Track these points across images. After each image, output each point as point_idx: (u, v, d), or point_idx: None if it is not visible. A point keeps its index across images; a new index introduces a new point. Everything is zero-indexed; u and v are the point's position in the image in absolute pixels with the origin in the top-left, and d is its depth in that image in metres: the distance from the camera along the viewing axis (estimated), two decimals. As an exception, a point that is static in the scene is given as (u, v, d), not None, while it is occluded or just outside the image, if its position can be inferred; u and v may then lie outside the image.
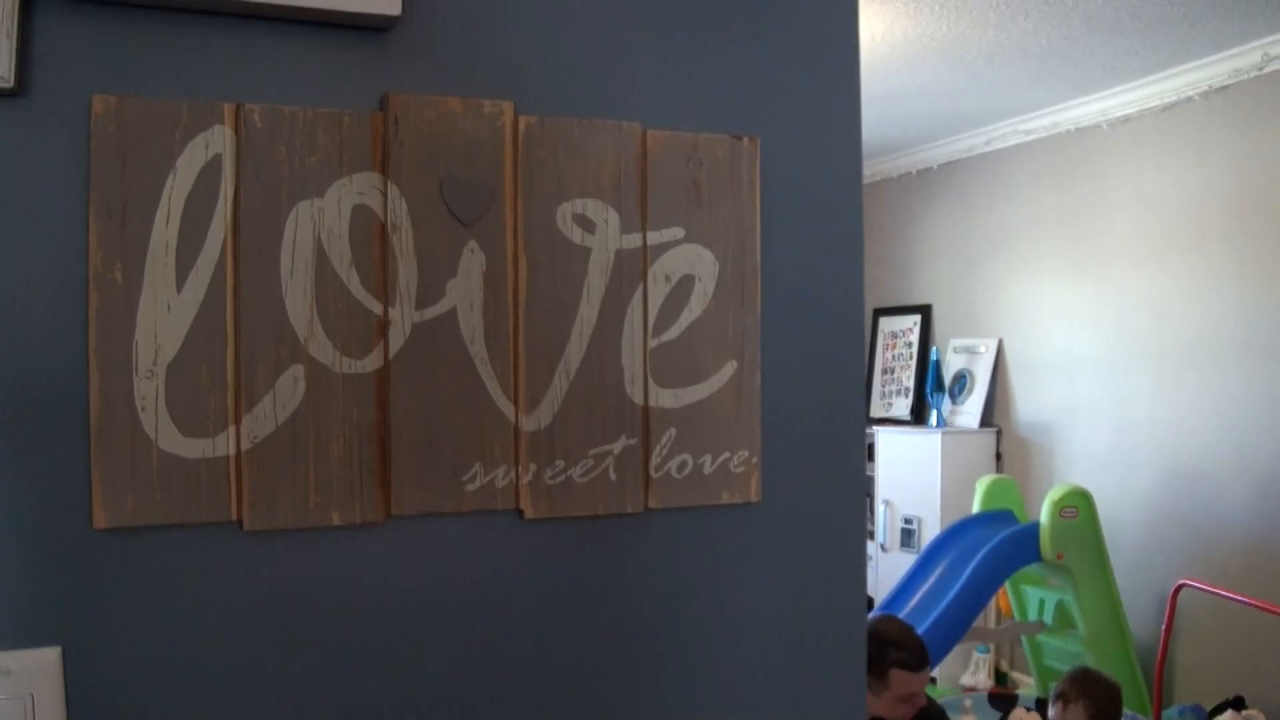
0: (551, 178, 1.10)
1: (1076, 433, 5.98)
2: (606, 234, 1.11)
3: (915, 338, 7.04)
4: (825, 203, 1.21)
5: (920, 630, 4.89)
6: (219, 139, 1.02)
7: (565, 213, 1.10)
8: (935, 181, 6.95)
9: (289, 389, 1.03)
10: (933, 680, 6.10)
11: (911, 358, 7.04)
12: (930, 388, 6.50)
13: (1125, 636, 5.36)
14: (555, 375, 1.09)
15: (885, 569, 6.38)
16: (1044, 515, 5.20)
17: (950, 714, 4.85)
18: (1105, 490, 5.67)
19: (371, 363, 1.05)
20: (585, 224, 1.11)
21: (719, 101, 1.17)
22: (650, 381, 1.13)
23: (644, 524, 1.14)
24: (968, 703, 5.06)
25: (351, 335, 1.04)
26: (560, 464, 1.10)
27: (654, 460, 1.13)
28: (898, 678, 3.36)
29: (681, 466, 1.14)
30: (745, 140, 1.17)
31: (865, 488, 1.15)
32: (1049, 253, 6.11)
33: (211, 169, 1.02)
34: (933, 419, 6.51)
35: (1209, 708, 4.94)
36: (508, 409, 1.08)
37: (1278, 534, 4.85)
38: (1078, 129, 5.81)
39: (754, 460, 1.17)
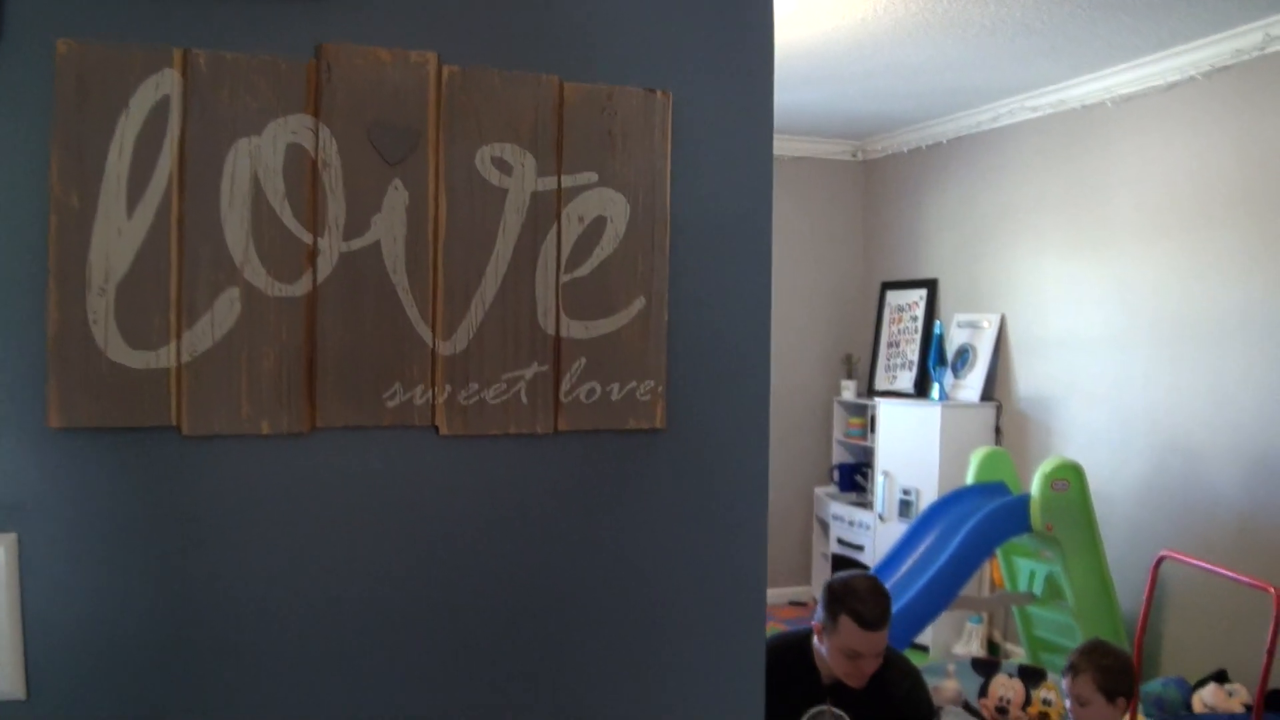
0: (472, 123, 1.20)
1: (1074, 408, 6.05)
2: (523, 176, 1.21)
3: (921, 312, 7.12)
4: (736, 153, 1.31)
5: (908, 596, 5.00)
6: (168, 81, 1.13)
7: (484, 156, 1.20)
8: (944, 157, 7.01)
9: (226, 309, 1.14)
10: (925, 649, 6.20)
11: (916, 332, 7.11)
12: (933, 361, 6.58)
13: (1113, 608, 5.44)
14: (471, 305, 1.20)
15: (883, 538, 6.48)
16: (1035, 487, 5.29)
17: (934, 678, 4.95)
18: (1100, 465, 5.74)
19: (301, 287, 1.16)
20: (503, 167, 1.21)
21: (635, 56, 1.27)
22: (562, 314, 1.23)
23: (553, 445, 1.24)
24: (951, 667, 5.15)
25: (283, 262, 1.15)
26: (474, 386, 1.20)
27: (564, 386, 1.23)
28: (846, 627, 3.44)
29: (590, 393, 1.24)
30: (658, 94, 1.27)
31: (761, 415, 1.25)
32: (1053, 230, 6.17)
33: (160, 108, 1.13)
34: (934, 392, 6.59)
35: (1193, 681, 5.03)
36: (426, 334, 1.19)
37: (1268, 512, 4.92)
38: (1083, 106, 5.86)
39: (660, 390, 1.27)
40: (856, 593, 3.47)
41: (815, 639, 3.60)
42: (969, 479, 5.77)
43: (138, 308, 1.12)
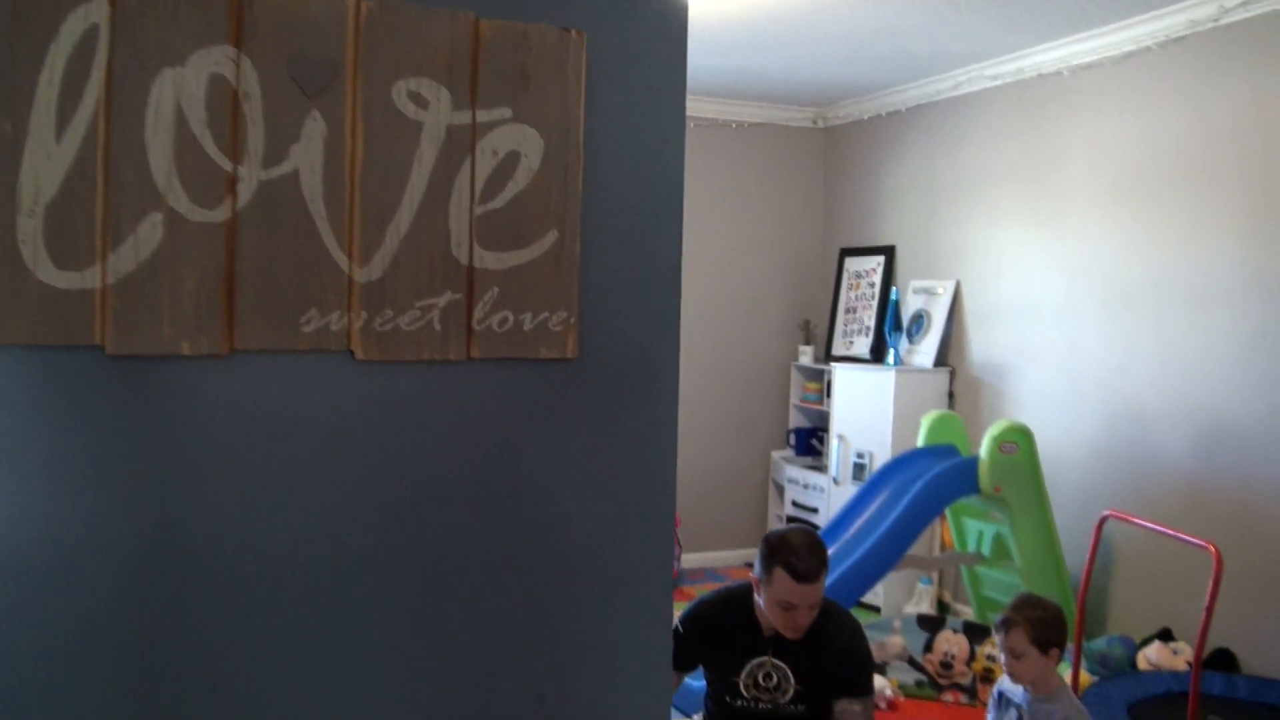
0: (389, 57, 1.25)
1: (1026, 374, 6.15)
2: (439, 110, 1.26)
3: (878, 278, 7.19)
4: (649, 92, 1.36)
5: (856, 556, 5.09)
6: (97, 10, 1.17)
7: (401, 90, 1.25)
8: (904, 124, 7.07)
9: (149, 233, 1.18)
10: (875, 609, 6.31)
11: (874, 298, 7.19)
12: (889, 327, 6.66)
13: (1060, 568, 5.55)
14: (387, 234, 1.25)
15: (837, 501, 6.56)
16: (984, 449, 5.38)
17: (880, 634, 5.06)
18: (1050, 429, 5.85)
19: (221, 213, 1.20)
20: (419, 101, 1.26)
21: (550, -3, 1.32)
22: (475, 244, 1.28)
23: (467, 372, 1.29)
24: (897, 623, 5.25)
25: (205, 188, 1.20)
26: (389, 313, 1.26)
27: (477, 315, 1.29)
28: (780, 579, 3.51)
29: (503, 322, 1.30)
30: (572, 33, 1.32)
31: (671, 345, 1.30)
32: (1009, 198, 6.25)
33: (89, 37, 1.17)
34: (889, 358, 6.68)
35: (1139, 639, 5.15)
36: (343, 261, 1.24)
37: (1214, 474, 5.03)
38: (1040, 75, 5.93)
39: (571, 321, 1.32)
40: (791, 546, 3.54)
41: (755, 592, 3.68)
42: (920, 442, 5.86)
43: (65, 230, 1.16)
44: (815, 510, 6.93)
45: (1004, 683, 3.70)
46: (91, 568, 1.18)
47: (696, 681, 4.23)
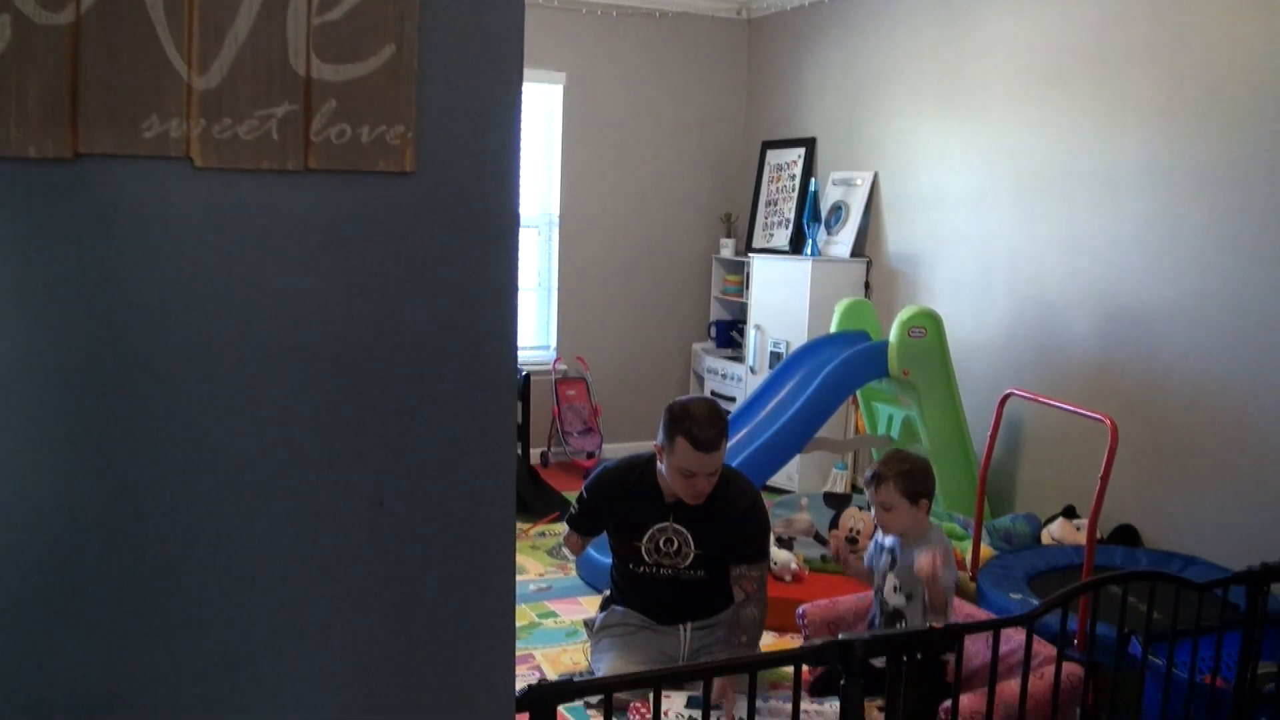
0: None
1: (940, 263, 6.26)
2: (274, -80, 1.29)
3: (799, 170, 7.25)
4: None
5: (765, 436, 5.20)
6: None
7: (236, -103, 1.28)
8: (826, 16, 7.08)
9: (-9, 34, 1.21)
10: (788, 493, 6.45)
11: (794, 190, 7.25)
12: (807, 218, 6.73)
13: (967, 450, 5.71)
14: (225, 42, 1.28)
15: (754, 390, 6.68)
16: (893, 334, 5.50)
17: (787, 511, 5.19)
18: (962, 317, 5.98)
19: (66, 16, 1.23)
20: (254, -91, 1.28)
21: None
22: (313, 56, 1.31)
23: (305, 183, 1.33)
24: (804, 501, 5.40)
25: (45, -10, 1.22)
26: (228, 121, 1.29)
27: (315, 126, 1.32)
28: (681, 447, 3.62)
29: (340, 134, 1.34)
30: None
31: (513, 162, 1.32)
32: (927, 89, 6.31)
33: None
34: (807, 249, 6.76)
35: (1044, 517, 5.33)
36: (182, 68, 1.27)
37: (1118, 357, 5.19)
38: (956, -35, 5.97)
39: (409, 135, 1.36)
40: (693, 415, 3.64)
41: (658, 460, 3.78)
42: (832, 328, 5.97)
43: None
44: (733, 400, 7.04)
45: (880, 530, 3.85)
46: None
47: (604, 558, 4.35)
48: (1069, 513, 5.26)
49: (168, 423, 1.31)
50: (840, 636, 1.90)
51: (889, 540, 3.76)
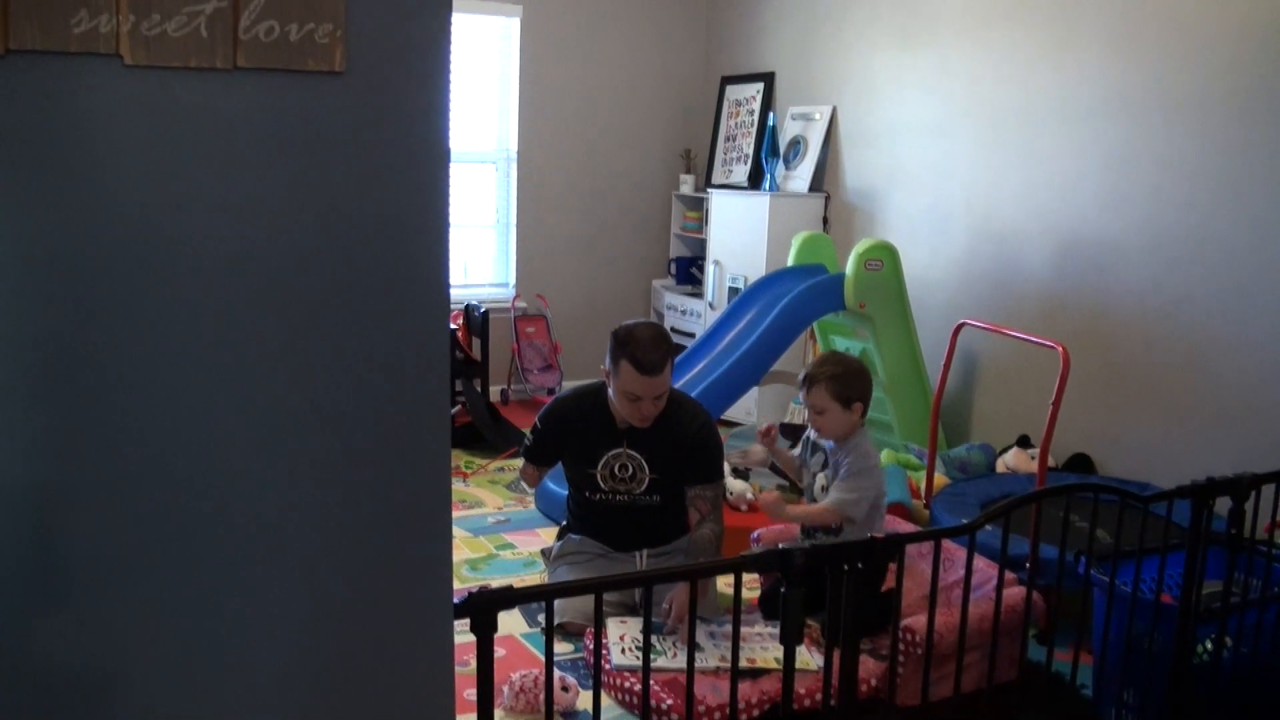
0: None
1: (897, 197, 6.27)
2: None
3: (758, 105, 7.23)
4: None
5: (721, 369, 5.22)
6: None
7: None
8: (782, -52, 7.04)
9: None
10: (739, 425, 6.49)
11: (753, 125, 7.23)
12: (765, 153, 6.72)
13: (923, 382, 5.75)
14: (151, -64, 1.27)
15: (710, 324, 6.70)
16: (849, 267, 5.51)
17: (744, 442, 5.22)
18: (919, 250, 6.01)
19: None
20: None
21: None
22: (238, -48, 1.31)
23: (234, 81, 1.32)
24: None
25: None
26: (156, 18, 1.28)
27: (243, 23, 1.32)
28: (626, 371, 3.65)
29: (269, 31, 1.33)
30: None
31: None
32: (885, 21, 6.29)
33: None
34: (766, 184, 6.75)
35: (999, 448, 5.39)
36: (109, -37, 1.26)
37: (1075, 288, 5.23)
38: (913, -105, 5.94)
39: (338, 34, 1.36)
40: (637, 340, 3.66)
41: (608, 386, 3.81)
42: (789, 262, 5.97)
43: None
44: (692, 335, 7.06)
45: (813, 430, 3.85)
46: None
47: (562, 490, 4.37)
48: (1023, 442, 5.31)
49: (103, 319, 1.31)
50: (780, 546, 1.93)
51: (823, 440, 3.78)
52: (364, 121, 1.39)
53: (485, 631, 1.72)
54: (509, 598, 1.72)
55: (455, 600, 1.65)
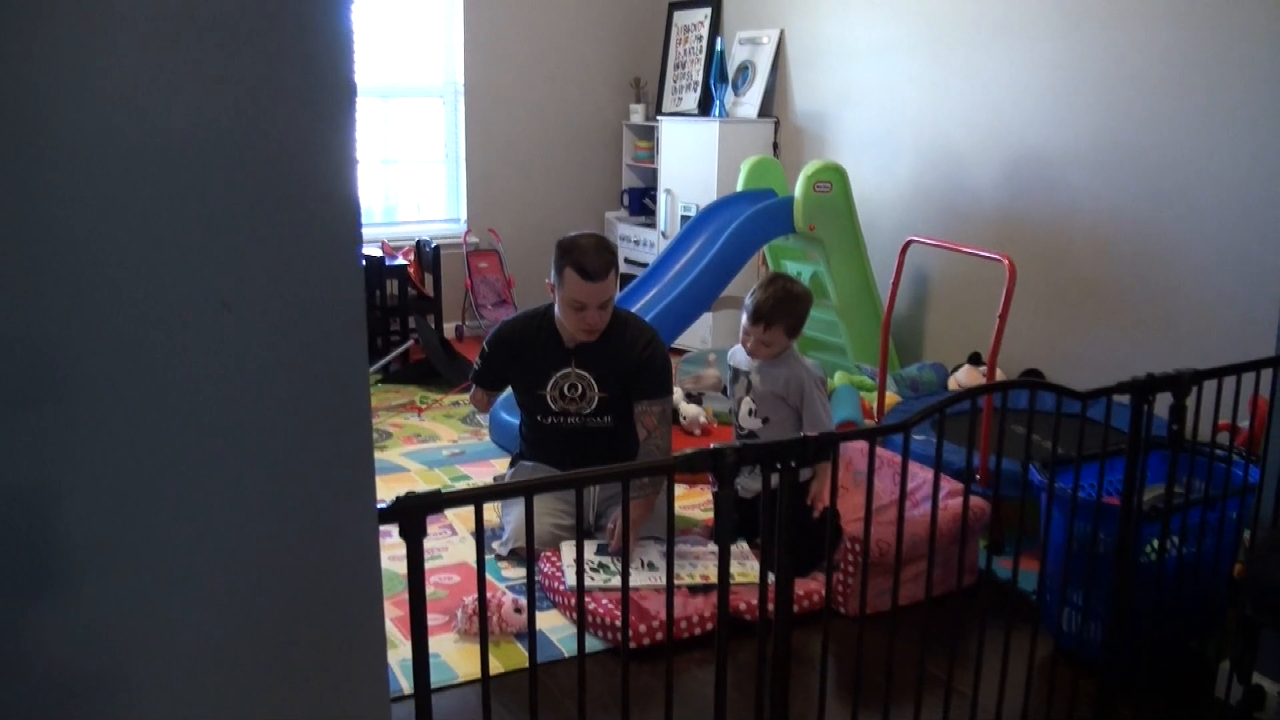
0: None
1: (846, 119, 6.25)
2: None
3: (705, 31, 7.16)
4: None
5: (671, 296, 5.21)
6: None
7: None
8: None
9: None
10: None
11: (701, 51, 7.17)
12: (714, 79, 6.67)
13: (875, 303, 5.76)
14: None
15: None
16: (798, 189, 5.49)
17: (695, 367, 5.22)
18: (868, 171, 5.99)
19: None
20: None
21: None
22: None
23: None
24: (711, 357, 5.42)
25: None
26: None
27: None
28: (570, 279, 3.65)
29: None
30: None
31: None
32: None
33: None
34: (715, 110, 6.70)
35: (951, 367, 5.40)
36: None
37: (1023, 204, 5.24)
38: None
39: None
40: (580, 248, 3.66)
41: (555, 304, 3.80)
42: (739, 187, 5.95)
43: None
44: (646, 265, 7.03)
45: (736, 356, 3.88)
46: None
47: (516, 420, 4.36)
48: (975, 360, 5.33)
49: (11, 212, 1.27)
50: (711, 446, 1.92)
51: (745, 363, 3.79)
52: (279, 19, 1.35)
53: (414, 537, 1.70)
54: (436, 501, 1.70)
55: (382, 505, 1.63)
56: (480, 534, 1.81)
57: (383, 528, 1.59)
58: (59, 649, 1.37)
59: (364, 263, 6.26)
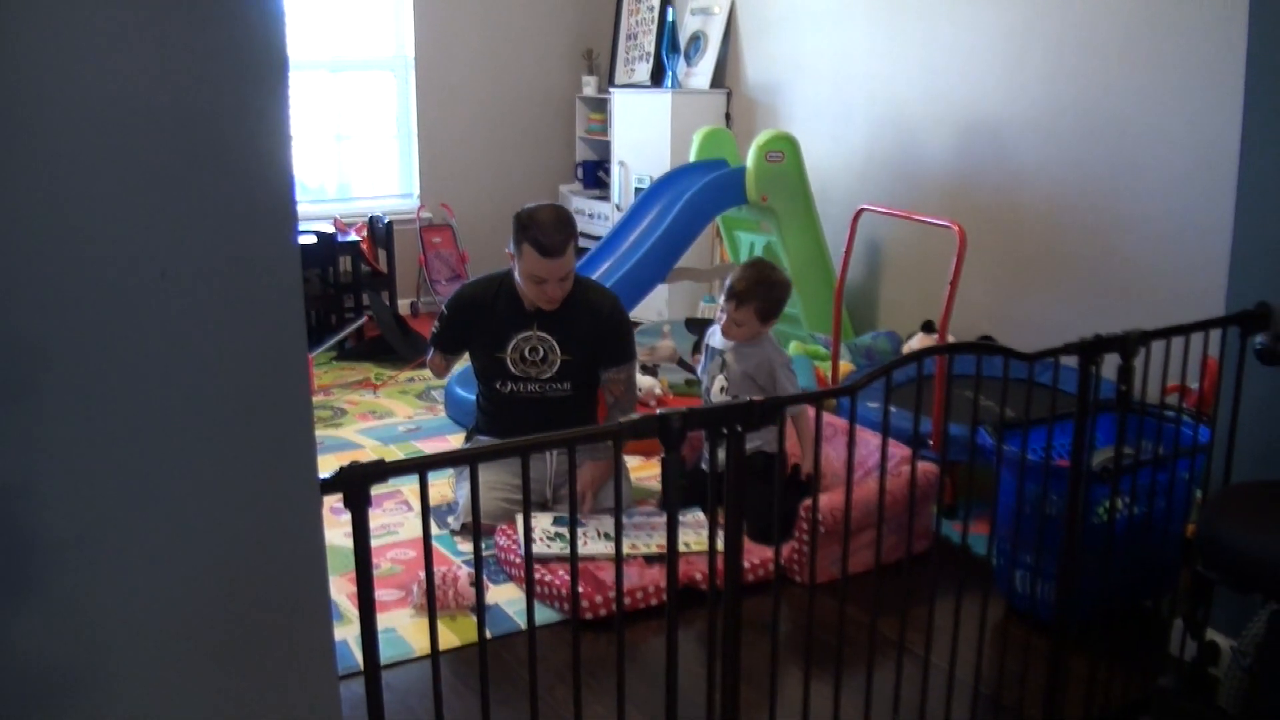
0: None
1: (798, 89, 6.24)
2: None
3: (657, 2, 7.13)
4: None
5: (626, 268, 5.19)
6: None
7: None
8: None
9: None
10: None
11: (653, 22, 7.13)
12: (666, 50, 6.64)
13: (829, 273, 5.76)
14: None
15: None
16: (750, 159, 5.49)
17: (651, 338, 5.22)
18: (821, 141, 5.99)
19: None
20: None
21: None
22: None
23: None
24: (666, 328, 5.43)
25: None
26: None
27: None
28: (528, 254, 3.64)
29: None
30: None
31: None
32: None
33: None
34: (667, 81, 6.68)
35: (904, 335, 5.42)
36: None
37: (975, 171, 5.25)
38: None
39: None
40: (539, 223, 3.65)
41: (516, 274, 3.80)
42: (691, 158, 5.93)
43: None
44: (599, 238, 7.01)
45: (714, 336, 3.91)
46: None
47: (471, 395, 4.34)
48: (928, 328, 5.34)
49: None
50: (659, 411, 1.91)
51: (719, 343, 3.84)
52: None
53: (359, 507, 1.69)
54: (380, 470, 1.69)
55: (325, 476, 1.62)
56: (425, 503, 1.81)
57: (334, 504, 1.57)
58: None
59: (316, 239, 6.23)
